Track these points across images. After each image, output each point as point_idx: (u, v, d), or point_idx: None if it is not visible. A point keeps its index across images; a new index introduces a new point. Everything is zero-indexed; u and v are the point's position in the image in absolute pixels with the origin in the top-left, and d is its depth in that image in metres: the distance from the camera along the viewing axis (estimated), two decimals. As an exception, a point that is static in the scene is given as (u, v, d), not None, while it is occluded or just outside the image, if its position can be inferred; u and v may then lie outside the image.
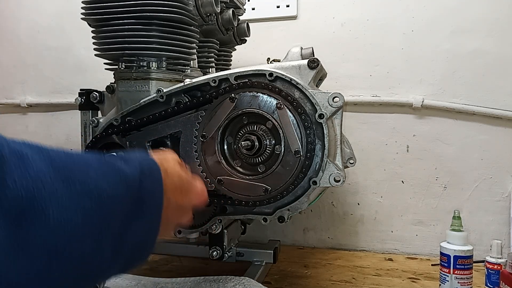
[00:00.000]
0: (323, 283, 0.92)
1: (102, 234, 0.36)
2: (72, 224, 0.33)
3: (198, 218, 0.78)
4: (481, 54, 1.10)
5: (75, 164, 0.35)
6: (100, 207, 0.36)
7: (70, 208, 0.33)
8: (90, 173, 0.36)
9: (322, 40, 1.21)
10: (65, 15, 1.43)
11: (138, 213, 0.40)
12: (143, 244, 0.43)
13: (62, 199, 0.32)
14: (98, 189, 0.36)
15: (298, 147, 0.66)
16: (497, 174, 1.10)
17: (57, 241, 0.32)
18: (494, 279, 0.86)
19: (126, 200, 0.39)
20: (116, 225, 0.38)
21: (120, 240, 0.38)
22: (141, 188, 0.41)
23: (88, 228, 0.34)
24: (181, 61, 0.82)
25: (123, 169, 0.40)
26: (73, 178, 0.34)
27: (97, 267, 0.37)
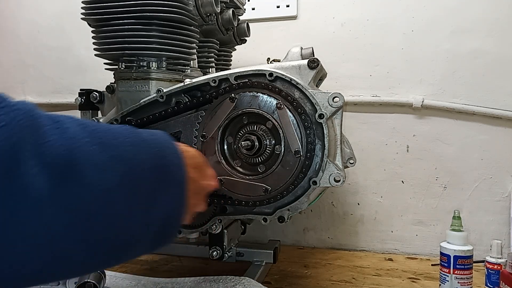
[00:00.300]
0: (323, 283, 0.92)
1: (133, 199, 0.37)
2: (107, 185, 0.34)
3: (198, 218, 0.78)
4: (481, 54, 1.10)
5: (107, 131, 0.37)
6: (131, 172, 0.37)
7: (105, 170, 0.34)
8: (120, 139, 0.37)
9: (322, 40, 1.21)
10: (65, 15, 1.43)
11: (165, 185, 0.42)
12: (171, 217, 0.43)
13: (97, 161, 0.34)
14: (129, 155, 0.37)
15: (298, 147, 0.66)
16: (497, 174, 1.10)
17: (93, 200, 0.33)
18: (494, 279, 0.86)
19: (153, 170, 0.40)
20: (145, 193, 0.39)
21: (149, 209, 0.39)
22: (165, 160, 0.42)
23: (121, 191, 0.36)
24: (181, 61, 0.82)
25: (149, 140, 0.41)
26: (106, 143, 0.36)
27: (129, 235, 0.38)
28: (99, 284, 0.72)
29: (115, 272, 0.90)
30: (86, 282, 0.71)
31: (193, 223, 0.78)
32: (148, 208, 0.39)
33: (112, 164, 0.35)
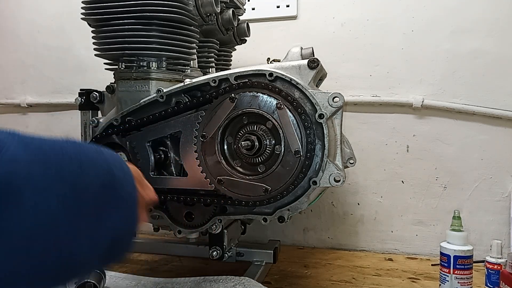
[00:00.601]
0: (323, 283, 0.92)
1: (78, 219, 0.36)
2: (48, 207, 0.33)
3: (198, 218, 0.78)
4: (481, 54, 1.10)
5: (50, 149, 0.35)
6: (75, 192, 0.35)
7: (45, 192, 0.33)
8: (65, 158, 0.36)
9: (322, 40, 1.21)
10: (65, 15, 1.43)
11: (115, 202, 0.41)
12: (122, 234, 0.43)
13: (37, 182, 0.32)
14: (74, 175, 0.36)
15: (298, 147, 0.66)
16: (497, 174, 1.10)
17: (34, 224, 0.31)
18: (494, 279, 0.86)
19: (101, 188, 0.39)
20: (92, 211, 0.38)
21: (97, 227, 0.38)
22: (114, 178, 0.41)
23: (64, 212, 0.34)
24: (181, 61, 0.82)
25: (96, 158, 0.40)
26: (48, 162, 0.34)
27: (76, 254, 0.37)
28: (99, 284, 0.72)
29: (115, 272, 0.90)
30: (86, 282, 0.71)
31: (193, 223, 0.78)
32: (95, 228, 0.38)
33: (55, 184, 0.34)
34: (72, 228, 0.35)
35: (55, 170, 0.34)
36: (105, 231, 0.39)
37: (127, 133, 0.78)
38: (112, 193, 0.41)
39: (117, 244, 0.42)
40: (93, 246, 0.38)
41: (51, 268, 0.35)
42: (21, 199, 0.31)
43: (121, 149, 0.77)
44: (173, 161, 0.78)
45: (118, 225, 0.41)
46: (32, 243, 0.32)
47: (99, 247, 0.39)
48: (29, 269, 0.33)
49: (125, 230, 0.43)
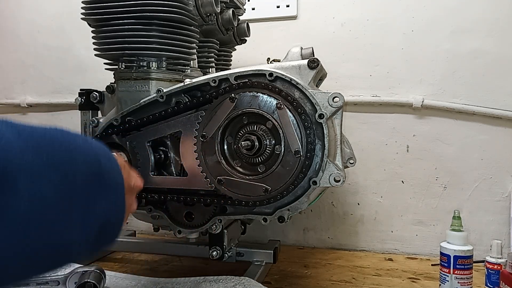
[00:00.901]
0: (323, 283, 0.92)
1: (70, 206, 0.37)
2: (42, 194, 0.34)
3: (198, 218, 0.78)
4: (481, 54, 1.10)
5: (42, 136, 0.36)
6: (66, 179, 0.37)
7: (39, 179, 0.34)
8: (56, 145, 0.37)
9: (322, 40, 1.21)
10: (65, 15, 1.43)
11: (102, 190, 0.42)
12: (110, 221, 0.44)
13: (31, 169, 0.33)
14: (64, 162, 0.37)
15: (298, 147, 0.66)
16: (497, 174, 1.10)
17: (28, 209, 0.33)
18: (494, 279, 0.86)
19: (89, 176, 0.40)
20: (82, 199, 0.39)
21: (88, 213, 0.40)
22: (101, 166, 0.42)
23: (57, 198, 0.35)
24: (181, 61, 0.82)
25: (83, 146, 0.41)
26: (40, 150, 0.35)
27: (67, 239, 0.38)
28: (99, 284, 0.72)
29: (115, 272, 0.90)
30: (86, 282, 0.71)
31: (193, 223, 0.78)
32: (85, 214, 0.39)
33: (47, 171, 0.35)
34: (64, 214, 0.37)
35: (46, 158, 0.35)
36: (94, 218, 0.41)
37: (127, 133, 0.78)
38: (100, 181, 0.42)
39: (106, 231, 0.44)
40: (84, 232, 0.40)
41: (44, 253, 0.36)
42: (16, 186, 0.32)
43: (121, 149, 0.77)
44: (173, 161, 0.78)
45: (107, 212, 0.43)
46: (27, 228, 0.33)
47: (89, 233, 0.41)
48: (23, 253, 0.34)
49: (113, 217, 0.45)
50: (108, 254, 1.12)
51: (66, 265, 0.53)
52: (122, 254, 1.13)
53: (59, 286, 0.75)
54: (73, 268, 0.76)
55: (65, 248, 0.38)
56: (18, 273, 0.35)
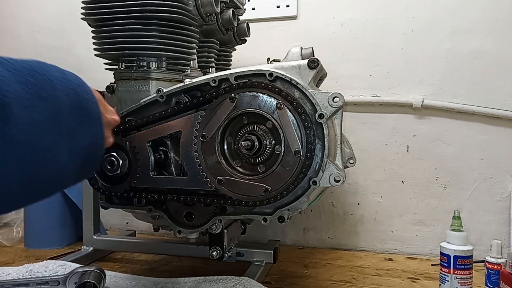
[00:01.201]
0: (323, 283, 0.92)
1: (58, 132, 0.41)
2: (35, 121, 0.38)
3: (198, 218, 0.78)
4: (481, 54, 1.10)
5: (26, 70, 0.39)
6: (52, 108, 0.41)
7: (30, 107, 0.37)
8: (39, 79, 0.40)
9: (322, 40, 1.21)
10: (65, 15, 1.43)
11: (82, 119, 0.46)
12: (93, 147, 0.48)
13: (21, 98, 0.37)
14: (48, 93, 0.41)
15: (298, 147, 0.66)
16: (497, 174, 1.10)
17: (24, 135, 0.36)
18: (494, 279, 0.86)
19: (70, 106, 0.44)
20: (67, 126, 0.43)
21: (73, 141, 0.44)
22: (80, 97, 0.46)
23: (46, 125, 0.39)
24: (181, 61, 0.82)
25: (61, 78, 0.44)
26: (27, 82, 0.38)
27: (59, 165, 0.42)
28: (99, 284, 0.72)
29: (115, 272, 0.90)
30: (86, 282, 0.71)
31: (193, 223, 0.78)
32: (72, 139, 0.43)
33: (36, 101, 0.38)
34: (54, 141, 0.41)
35: (33, 89, 0.38)
36: (79, 145, 0.45)
37: (127, 133, 0.77)
38: (79, 111, 0.45)
39: (90, 158, 0.48)
40: (71, 158, 0.44)
41: (40, 177, 0.40)
42: (12, 114, 0.35)
43: (121, 149, 0.77)
44: (173, 161, 0.78)
45: (88, 140, 0.47)
46: (25, 153, 0.37)
47: (76, 159, 0.45)
48: (24, 177, 0.38)
49: (94, 145, 0.49)
50: (108, 254, 1.13)
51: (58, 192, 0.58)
52: (122, 254, 1.13)
53: (59, 286, 0.75)
54: (73, 268, 0.76)
55: (57, 173, 0.42)
56: (19, 197, 0.39)
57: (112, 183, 0.78)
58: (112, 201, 0.82)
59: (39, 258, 1.05)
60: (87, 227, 1.08)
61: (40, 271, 0.86)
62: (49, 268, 0.87)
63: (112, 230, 1.40)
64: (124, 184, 0.77)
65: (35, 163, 0.38)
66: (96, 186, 0.79)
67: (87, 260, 1.04)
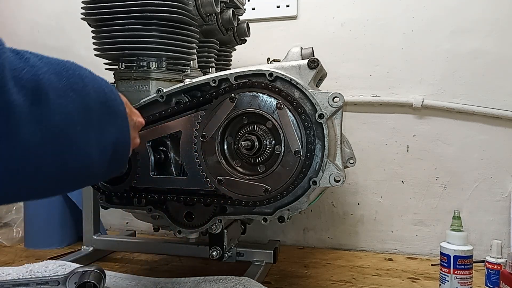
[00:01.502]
0: (323, 283, 0.92)
1: (88, 124, 0.43)
2: (67, 109, 0.39)
3: (198, 218, 0.78)
4: (481, 54, 1.10)
5: (58, 64, 0.41)
6: (83, 101, 0.42)
7: (64, 97, 0.39)
8: (70, 72, 0.42)
9: (322, 40, 1.21)
10: (65, 15, 1.43)
11: (110, 117, 0.48)
12: (120, 143, 0.50)
13: (56, 87, 0.38)
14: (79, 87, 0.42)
15: (298, 147, 0.66)
16: (497, 174, 1.10)
17: (58, 121, 0.38)
18: (494, 279, 0.86)
19: (98, 102, 0.46)
20: (96, 120, 0.45)
21: (101, 135, 0.45)
22: (107, 96, 0.48)
23: (78, 116, 0.41)
24: (181, 61, 0.82)
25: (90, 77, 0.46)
26: (60, 73, 0.40)
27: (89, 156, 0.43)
28: (99, 284, 0.72)
29: (115, 272, 0.90)
30: (86, 282, 0.71)
31: (193, 223, 0.78)
32: (101, 134, 0.45)
33: (68, 91, 0.40)
34: (84, 133, 0.42)
35: (66, 81, 0.40)
36: (107, 140, 0.47)
37: (127, 133, 0.77)
38: (107, 108, 0.47)
39: (117, 153, 0.50)
40: (100, 151, 0.45)
41: (71, 165, 0.41)
42: (48, 99, 0.36)
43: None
44: (173, 161, 0.78)
45: (115, 136, 0.48)
46: (58, 137, 0.38)
47: (104, 153, 0.46)
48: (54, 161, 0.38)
49: (121, 142, 0.51)
50: (108, 254, 1.13)
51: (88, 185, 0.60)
52: (122, 254, 1.13)
53: (59, 286, 0.75)
54: (73, 268, 0.76)
55: (87, 164, 0.43)
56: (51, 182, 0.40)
57: (112, 183, 0.78)
58: (112, 201, 0.82)
59: (39, 258, 1.05)
60: (87, 227, 1.08)
61: (40, 271, 0.86)
62: (49, 268, 0.87)
63: (112, 230, 1.40)
64: (124, 184, 0.77)
65: (67, 150, 0.40)
66: (96, 186, 0.79)
67: (87, 260, 1.04)
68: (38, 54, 0.39)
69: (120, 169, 0.54)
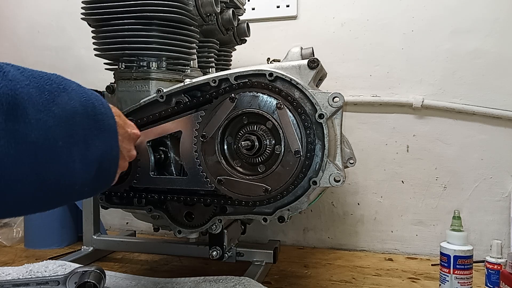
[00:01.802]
0: (323, 283, 0.92)
1: (70, 139, 0.41)
2: (48, 126, 0.38)
3: (198, 218, 0.78)
4: (481, 54, 1.10)
5: (42, 77, 0.40)
6: (66, 116, 0.41)
7: (43, 112, 0.38)
8: (54, 86, 0.41)
9: (322, 40, 1.21)
10: (65, 15, 1.43)
11: (96, 131, 0.46)
12: (106, 158, 0.49)
13: (36, 102, 0.37)
14: (62, 101, 0.41)
15: (298, 147, 0.66)
16: (497, 174, 1.10)
17: (36, 137, 0.37)
18: (494, 279, 0.86)
19: (84, 117, 0.44)
20: (80, 135, 0.43)
21: (86, 150, 0.44)
22: (95, 108, 0.47)
23: (59, 131, 0.40)
24: (181, 61, 0.82)
25: (77, 90, 0.45)
26: (41, 87, 0.39)
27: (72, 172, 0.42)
28: (99, 284, 0.72)
29: (115, 272, 0.90)
30: (86, 282, 0.71)
31: (193, 223, 0.78)
32: (84, 150, 0.44)
33: (50, 105, 0.39)
34: (67, 147, 0.41)
35: (48, 95, 0.39)
36: (92, 155, 0.45)
37: (127, 133, 0.77)
38: (94, 122, 0.46)
39: (103, 170, 0.49)
40: (84, 167, 0.44)
41: (52, 182, 0.40)
42: (26, 114, 0.36)
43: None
44: (173, 161, 0.78)
45: (102, 151, 0.47)
46: (37, 155, 0.37)
47: (89, 169, 0.45)
48: (35, 180, 0.38)
49: (108, 157, 0.49)
50: (108, 254, 1.13)
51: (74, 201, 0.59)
52: (122, 254, 1.13)
53: (59, 286, 0.75)
54: (73, 268, 0.76)
55: (70, 180, 0.42)
56: (31, 200, 0.39)
57: (112, 183, 0.78)
58: (112, 201, 0.82)
59: (39, 258, 1.05)
60: (87, 227, 1.08)
61: (40, 271, 0.86)
62: (49, 268, 0.87)
63: (112, 230, 1.40)
64: (124, 184, 0.77)
65: (47, 166, 0.38)
66: (96, 186, 0.79)
67: (87, 260, 1.04)
68: (20, 67, 0.39)
69: (108, 185, 0.52)
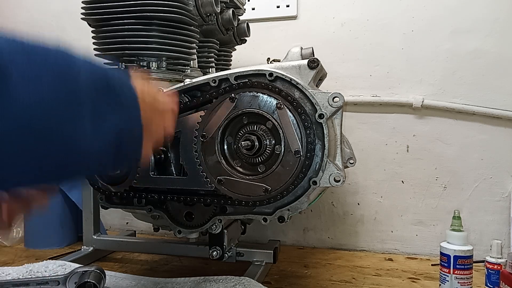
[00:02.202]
0: (323, 283, 0.92)
1: (76, 114, 0.36)
2: (38, 98, 0.33)
3: (198, 218, 0.78)
4: (481, 54, 1.10)
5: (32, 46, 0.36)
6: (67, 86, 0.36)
7: (33, 81, 0.32)
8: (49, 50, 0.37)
9: (322, 40, 1.21)
10: (65, 15, 1.43)
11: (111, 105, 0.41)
12: (125, 134, 0.43)
13: (23, 70, 0.32)
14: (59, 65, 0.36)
15: (298, 147, 0.66)
16: (497, 174, 1.10)
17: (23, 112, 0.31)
18: (494, 279, 0.86)
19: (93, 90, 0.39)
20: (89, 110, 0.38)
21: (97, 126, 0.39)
22: (108, 83, 0.41)
23: (58, 105, 0.34)
24: (181, 61, 0.82)
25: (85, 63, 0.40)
26: (32, 52, 0.34)
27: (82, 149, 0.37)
28: (99, 284, 0.72)
29: (115, 272, 0.90)
30: (86, 282, 0.71)
31: (193, 223, 0.78)
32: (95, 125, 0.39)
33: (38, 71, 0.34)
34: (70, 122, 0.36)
35: (40, 59, 0.34)
36: (106, 130, 0.40)
37: (127, 133, 0.77)
38: (108, 94, 0.41)
39: (124, 144, 0.43)
40: (97, 142, 0.39)
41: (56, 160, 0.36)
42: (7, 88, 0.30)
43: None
44: (173, 161, 0.78)
45: (119, 126, 0.42)
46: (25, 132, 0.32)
47: (104, 144, 0.40)
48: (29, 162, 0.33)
49: (128, 132, 0.44)
50: (108, 254, 1.13)
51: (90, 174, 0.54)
52: (122, 254, 1.13)
53: (59, 286, 0.75)
54: (73, 268, 0.76)
55: (81, 157, 0.38)
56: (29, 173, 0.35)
57: (112, 183, 0.78)
58: (112, 201, 0.82)
59: (39, 258, 1.05)
60: (87, 227, 1.08)
61: (40, 271, 0.86)
62: (49, 268, 0.87)
63: (112, 230, 1.40)
64: (124, 184, 0.77)
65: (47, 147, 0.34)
66: (96, 186, 0.79)
67: (87, 260, 1.04)
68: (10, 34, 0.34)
69: (132, 160, 0.48)
